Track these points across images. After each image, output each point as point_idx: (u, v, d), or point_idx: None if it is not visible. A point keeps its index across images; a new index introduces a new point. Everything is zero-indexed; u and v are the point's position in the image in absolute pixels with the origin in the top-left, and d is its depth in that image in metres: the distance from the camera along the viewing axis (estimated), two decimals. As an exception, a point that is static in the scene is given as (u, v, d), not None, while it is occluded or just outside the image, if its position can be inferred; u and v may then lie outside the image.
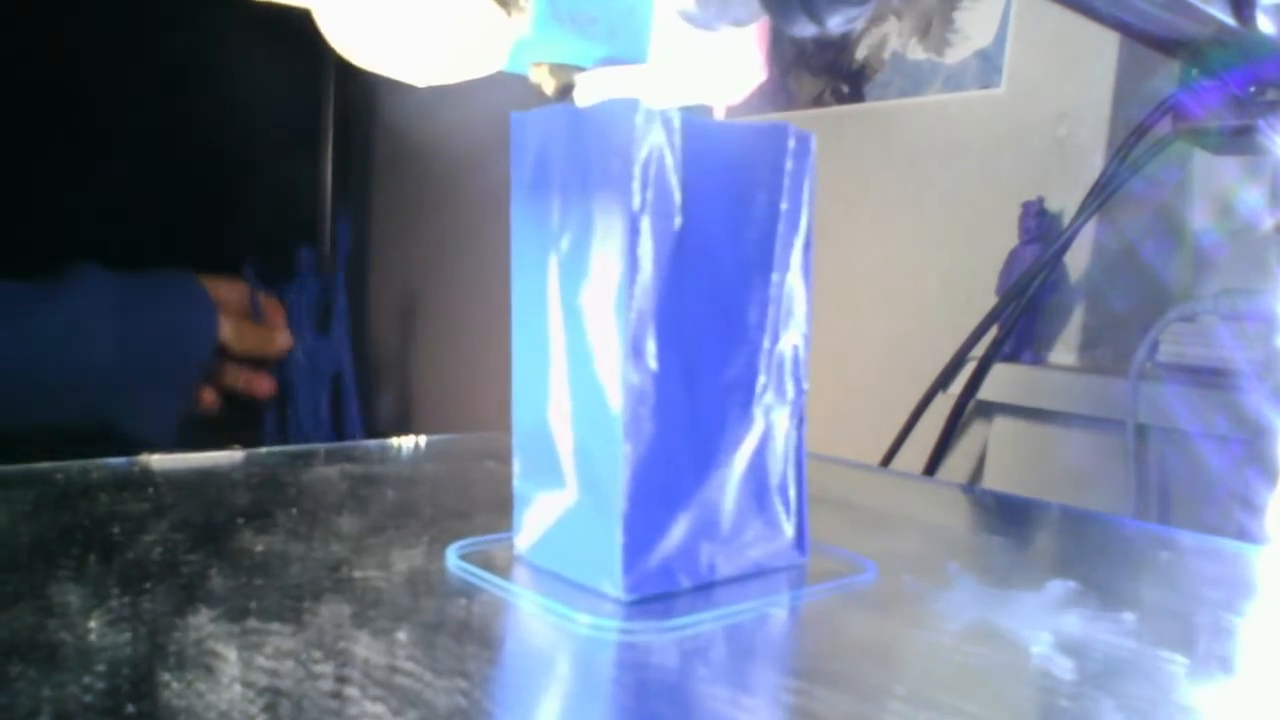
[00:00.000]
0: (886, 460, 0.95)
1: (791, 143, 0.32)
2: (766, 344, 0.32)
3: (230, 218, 1.74)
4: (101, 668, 0.22)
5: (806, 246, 0.33)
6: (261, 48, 1.75)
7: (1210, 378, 0.71)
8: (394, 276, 1.89)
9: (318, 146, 1.87)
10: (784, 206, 0.32)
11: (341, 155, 1.88)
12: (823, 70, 1.12)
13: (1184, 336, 0.74)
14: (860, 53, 1.09)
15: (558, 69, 0.30)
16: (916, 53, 1.03)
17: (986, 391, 0.88)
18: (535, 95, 0.32)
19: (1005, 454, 0.89)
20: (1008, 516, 0.48)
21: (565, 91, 0.31)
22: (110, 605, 0.26)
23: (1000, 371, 0.87)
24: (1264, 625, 0.33)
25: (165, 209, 1.68)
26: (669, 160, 0.29)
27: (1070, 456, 0.84)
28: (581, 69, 0.31)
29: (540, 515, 0.32)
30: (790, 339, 0.33)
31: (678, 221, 0.29)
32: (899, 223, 1.04)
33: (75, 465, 0.40)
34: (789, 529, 0.33)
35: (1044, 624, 0.29)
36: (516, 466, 0.33)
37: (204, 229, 1.71)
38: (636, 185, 0.28)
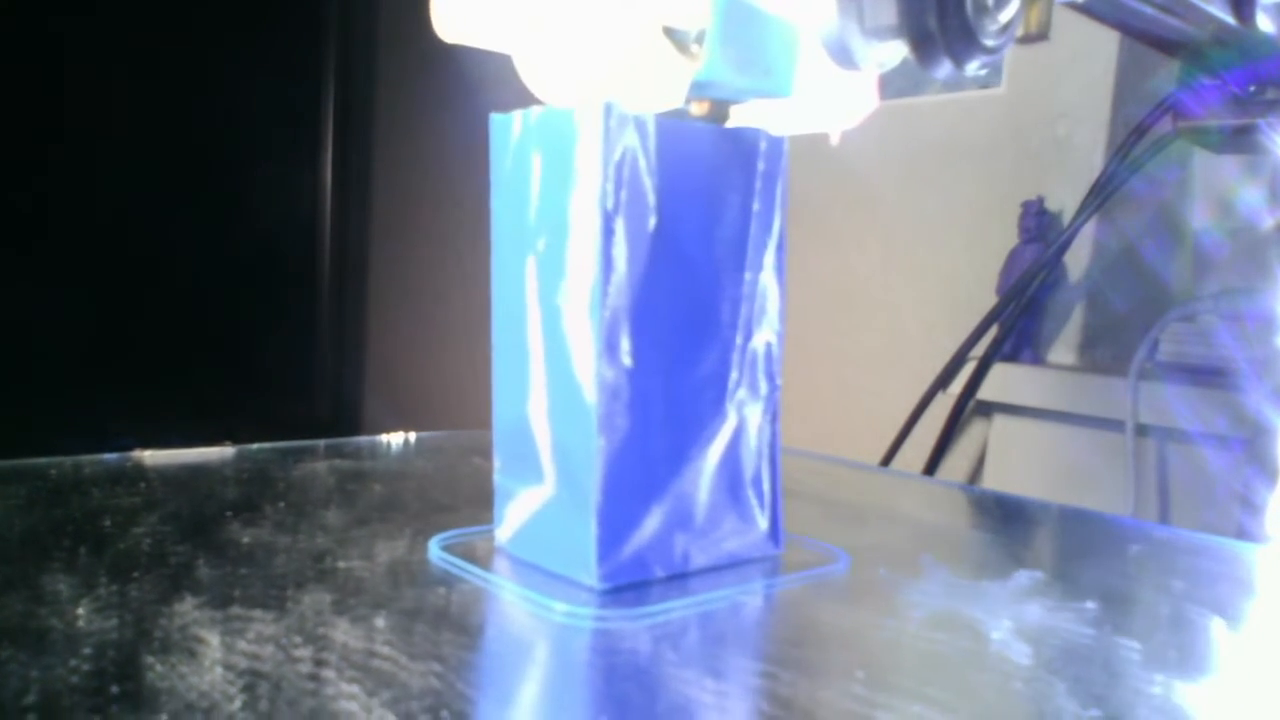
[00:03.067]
0: (886, 460, 0.95)
1: (763, 145, 0.32)
2: (739, 341, 0.33)
3: (230, 218, 1.75)
4: (88, 651, 0.23)
5: (779, 247, 0.33)
6: (262, 48, 1.76)
7: (1210, 378, 0.71)
8: (394, 276, 1.90)
9: (318, 146, 1.88)
10: (756, 208, 0.32)
11: (341, 155, 1.89)
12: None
13: (1184, 336, 0.74)
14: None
15: (717, 104, 0.32)
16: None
17: (986, 391, 0.88)
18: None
19: (1005, 454, 0.89)
20: (991, 512, 0.49)
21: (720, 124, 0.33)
22: (99, 594, 0.27)
23: (1000, 371, 0.87)
24: (1227, 616, 0.34)
25: (165, 208, 1.70)
26: (642, 162, 0.30)
27: (1070, 456, 0.84)
28: (737, 103, 0.33)
29: (520, 508, 0.33)
30: (763, 336, 0.33)
31: (652, 222, 0.30)
32: (899, 222, 1.05)
33: (69, 461, 0.41)
34: (763, 521, 0.34)
35: (1007, 613, 0.30)
36: (497, 461, 0.34)
37: (204, 229, 1.72)
38: (610, 186, 0.29)
